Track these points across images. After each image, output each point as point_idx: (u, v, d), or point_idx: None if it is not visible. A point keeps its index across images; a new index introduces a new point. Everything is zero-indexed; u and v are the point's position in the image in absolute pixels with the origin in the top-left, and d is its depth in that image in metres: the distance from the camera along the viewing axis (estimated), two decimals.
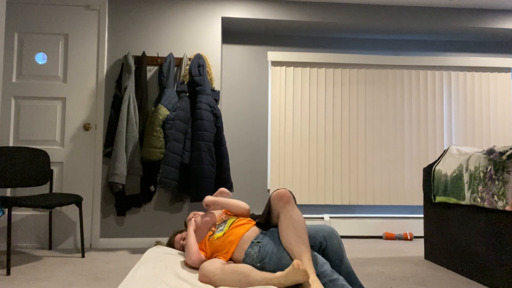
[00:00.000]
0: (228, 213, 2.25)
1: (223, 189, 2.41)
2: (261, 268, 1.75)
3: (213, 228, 2.12)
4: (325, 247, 1.77)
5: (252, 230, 1.93)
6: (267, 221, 1.94)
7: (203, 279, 1.79)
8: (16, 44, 3.47)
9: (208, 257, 2.03)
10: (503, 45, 4.41)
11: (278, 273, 1.61)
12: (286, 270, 1.58)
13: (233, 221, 2.04)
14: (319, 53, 4.16)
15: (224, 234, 1.98)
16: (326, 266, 1.66)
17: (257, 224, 1.98)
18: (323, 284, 1.61)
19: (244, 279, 1.66)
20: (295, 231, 1.71)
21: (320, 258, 1.70)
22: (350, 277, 1.77)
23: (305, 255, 1.64)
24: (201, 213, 2.47)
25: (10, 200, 2.63)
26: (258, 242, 1.83)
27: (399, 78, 4.27)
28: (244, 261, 1.83)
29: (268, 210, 1.90)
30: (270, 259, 1.73)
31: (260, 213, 4.09)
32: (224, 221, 2.09)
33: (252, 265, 1.79)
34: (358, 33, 4.16)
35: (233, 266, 1.74)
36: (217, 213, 2.28)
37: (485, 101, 4.33)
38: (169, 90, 3.41)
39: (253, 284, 1.65)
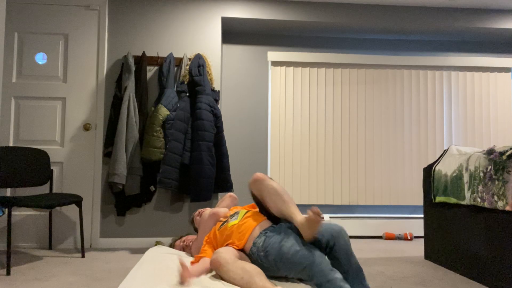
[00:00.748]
0: (235, 208, 2.29)
1: (232, 194, 2.51)
2: (265, 257, 1.85)
3: (222, 219, 2.17)
4: (333, 245, 1.83)
5: (264, 222, 2.04)
6: (269, 215, 2.06)
7: (214, 264, 1.84)
8: (16, 44, 3.47)
9: (219, 247, 2.07)
10: (503, 45, 4.41)
11: None
12: None
13: (245, 213, 2.12)
14: (319, 53, 4.16)
15: (239, 221, 2.05)
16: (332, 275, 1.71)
17: (269, 218, 2.08)
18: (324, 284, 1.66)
19: (247, 279, 1.73)
20: (279, 198, 1.92)
21: (327, 268, 1.73)
22: (359, 274, 1.82)
23: (296, 213, 1.85)
24: (207, 209, 2.52)
25: (10, 200, 2.63)
26: (266, 233, 1.94)
27: (399, 78, 4.27)
28: (251, 250, 1.93)
29: (257, 201, 2.05)
30: (272, 247, 1.84)
31: None
32: (236, 213, 2.14)
33: (257, 254, 1.89)
34: (358, 33, 4.16)
35: (244, 263, 1.80)
36: (223, 210, 2.30)
37: (485, 101, 4.33)
38: (169, 90, 3.41)
39: (251, 286, 1.71)
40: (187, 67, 3.45)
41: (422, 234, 3.99)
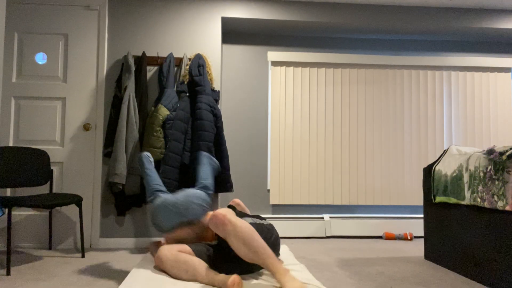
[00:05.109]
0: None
1: (237, 200, 2.44)
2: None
3: None
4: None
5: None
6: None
7: (157, 262, 1.89)
8: (16, 44, 3.47)
9: None
10: (503, 45, 4.41)
11: (221, 276, 1.72)
12: (227, 278, 1.69)
13: None
14: (319, 53, 4.16)
15: None
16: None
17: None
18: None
19: (191, 271, 1.78)
20: (248, 248, 1.71)
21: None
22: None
23: (269, 261, 1.70)
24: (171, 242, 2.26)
25: (10, 200, 2.63)
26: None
27: (399, 78, 4.27)
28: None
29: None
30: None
31: (259, 214, 4.09)
32: None
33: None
34: (358, 33, 4.16)
35: (187, 256, 1.82)
36: (187, 232, 2.18)
37: (485, 101, 4.33)
38: (169, 90, 3.41)
39: (197, 278, 1.77)
40: (187, 67, 3.45)
41: (422, 234, 3.98)
